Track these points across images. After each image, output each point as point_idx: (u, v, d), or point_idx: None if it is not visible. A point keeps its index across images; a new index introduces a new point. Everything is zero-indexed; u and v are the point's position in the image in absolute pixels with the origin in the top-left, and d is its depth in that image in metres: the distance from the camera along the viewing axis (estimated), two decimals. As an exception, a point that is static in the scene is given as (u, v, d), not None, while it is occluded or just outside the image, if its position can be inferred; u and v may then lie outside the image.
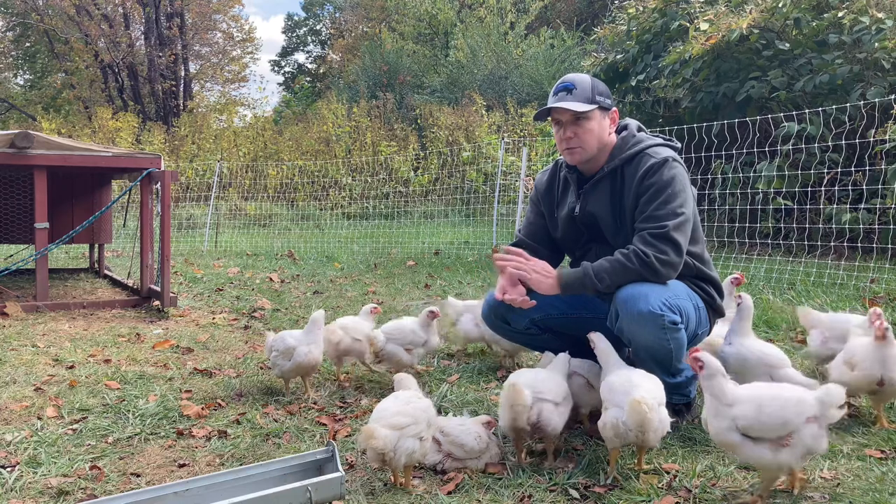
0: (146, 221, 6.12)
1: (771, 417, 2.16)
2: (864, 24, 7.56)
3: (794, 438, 2.15)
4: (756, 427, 2.18)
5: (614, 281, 2.79)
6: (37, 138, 5.58)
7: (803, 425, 2.16)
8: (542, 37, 23.53)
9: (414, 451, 2.37)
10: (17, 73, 33.87)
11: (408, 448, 2.36)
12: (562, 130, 2.96)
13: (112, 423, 3.14)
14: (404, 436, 2.36)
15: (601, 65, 10.63)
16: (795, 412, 2.16)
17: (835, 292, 5.57)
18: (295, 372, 3.48)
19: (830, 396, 2.17)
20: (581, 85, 2.92)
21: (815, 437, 2.17)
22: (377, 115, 19.98)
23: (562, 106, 2.89)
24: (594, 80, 2.97)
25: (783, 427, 2.16)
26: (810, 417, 2.17)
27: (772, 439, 2.16)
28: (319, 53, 41.61)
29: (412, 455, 2.37)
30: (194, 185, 15.56)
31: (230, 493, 2.16)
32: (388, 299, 6.39)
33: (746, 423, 2.19)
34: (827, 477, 2.43)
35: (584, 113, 2.89)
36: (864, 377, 2.85)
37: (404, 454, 2.35)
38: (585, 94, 2.90)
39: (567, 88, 2.92)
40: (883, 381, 2.83)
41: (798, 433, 2.16)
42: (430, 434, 2.48)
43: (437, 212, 13.10)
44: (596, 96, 2.91)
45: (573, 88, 2.91)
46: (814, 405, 2.17)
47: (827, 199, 7.16)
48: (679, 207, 2.81)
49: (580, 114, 2.89)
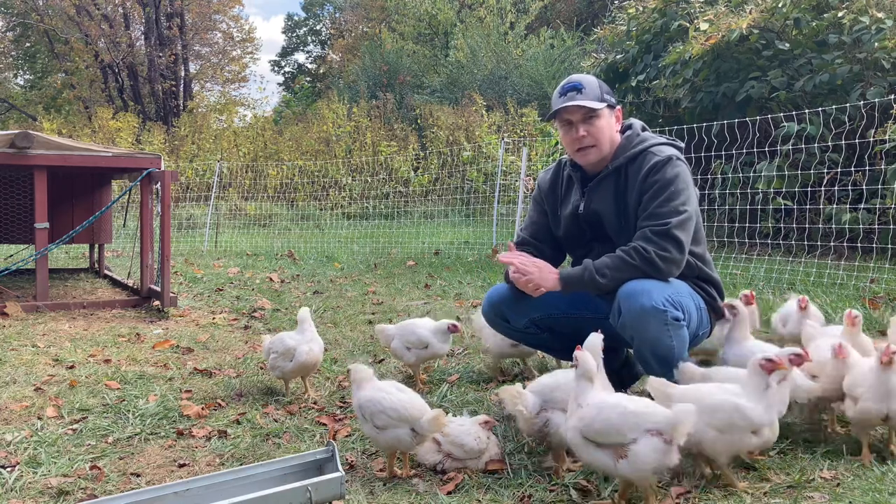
0: (146, 221, 6.12)
1: (605, 424, 2.18)
2: (864, 24, 7.56)
3: (629, 450, 2.14)
4: (591, 432, 2.21)
5: (615, 277, 2.79)
6: (37, 138, 5.59)
7: (643, 437, 2.14)
8: (542, 37, 23.52)
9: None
10: (17, 73, 33.87)
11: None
12: (573, 130, 2.96)
13: (112, 423, 3.14)
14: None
15: (601, 65, 10.63)
16: (632, 423, 2.15)
17: (835, 292, 5.57)
18: (297, 372, 3.48)
19: (679, 415, 2.14)
20: (589, 84, 2.93)
21: (658, 452, 2.13)
22: (377, 115, 19.97)
23: (577, 104, 2.89)
24: (599, 80, 3.00)
25: (617, 435, 2.16)
26: (652, 430, 2.14)
27: (611, 446, 2.17)
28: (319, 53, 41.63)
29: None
30: (194, 185, 15.56)
31: (230, 493, 2.15)
32: (388, 299, 6.39)
33: (583, 425, 2.22)
34: (827, 477, 2.43)
35: (596, 111, 2.90)
36: (869, 411, 2.49)
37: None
38: (595, 93, 2.92)
39: (576, 88, 2.93)
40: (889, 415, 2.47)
41: (635, 445, 2.14)
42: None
43: (437, 212, 13.10)
44: (604, 94, 2.94)
45: (582, 88, 2.92)
46: (658, 420, 2.15)
47: (827, 199, 7.16)
48: (682, 205, 2.81)
49: (593, 112, 2.90)
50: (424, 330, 3.65)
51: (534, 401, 2.54)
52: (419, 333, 3.63)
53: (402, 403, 2.52)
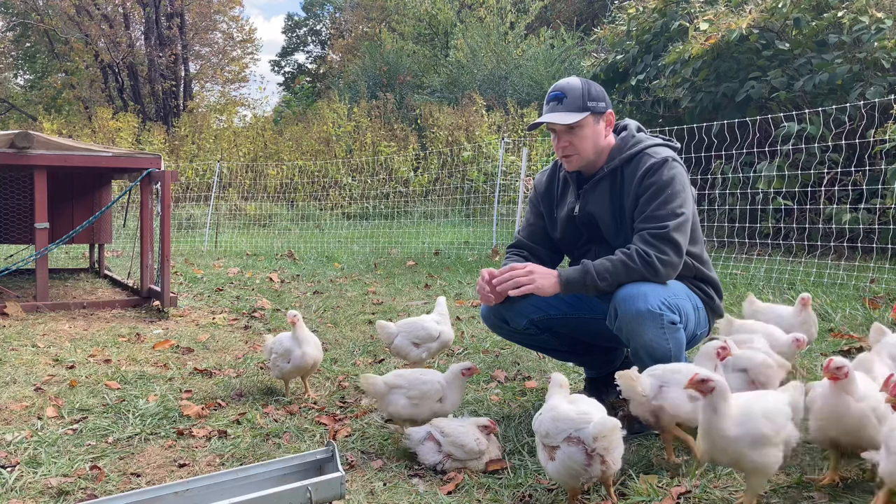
0: (146, 221, 6.12)
1: (539, 425, 2.29)
2: (864, 24, 7.56)
3: (556, 453, 2.21)
4: (536, 430, 2.32)
5: (615, 280, 2.79)
6: (37, 138, 5.59)
7: (563, 443, 2.19)
8: (542, 37, 23.51)
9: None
10: (17, 73, 33.89)
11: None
12: (557, 139, 2.97)
13: (112, 423, 3.14)
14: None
15: (601, 65, 10.63)
16: (557, 428, 2.21)
17: (835, 292, 5.57)
18: (295, 373, 3.49)
19: (597, 427, 2.15)
20: (571, 93, 2.90)
21: (574, 461, 2.16)
22: (377, 115, 19.96)
23: (550, 120, 2.90)
24: (586, 85, 2.94)
25: (546, 438, 2.25)
26: (571, 438, 2.17)
27: (546, 447, 2.26)
28: (319, 53, 41.62)
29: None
30: (194, 185, 15.56)
31: (230, 493, 2.15)
32: (388, 299, 6.39)
33: (534, 424, 2.33)
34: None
35: (574, 123, 2.89)
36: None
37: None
38: (576, 103, 2.89)
39: (557, 98, 2.91)
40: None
41: (560, 449, 2.19)
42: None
43: (437, 212, 13.10)
44: (587, 102, 2.89)
45: (563, 98, 2.90)
46: (578, 429, 2.17)
47: (827, 199, 7.16)
48: (679, 207, 2.81)
49: (572, 125, 2.89)
50: (431, 323, 3.66)
51: (652, 384, 2.54)
52: (428, 328, 3.64)
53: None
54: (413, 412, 2.81)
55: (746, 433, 2.11)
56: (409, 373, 2.91)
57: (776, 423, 2.14)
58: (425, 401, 2.80)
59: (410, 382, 2.82)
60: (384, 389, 2.84)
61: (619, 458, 2.24)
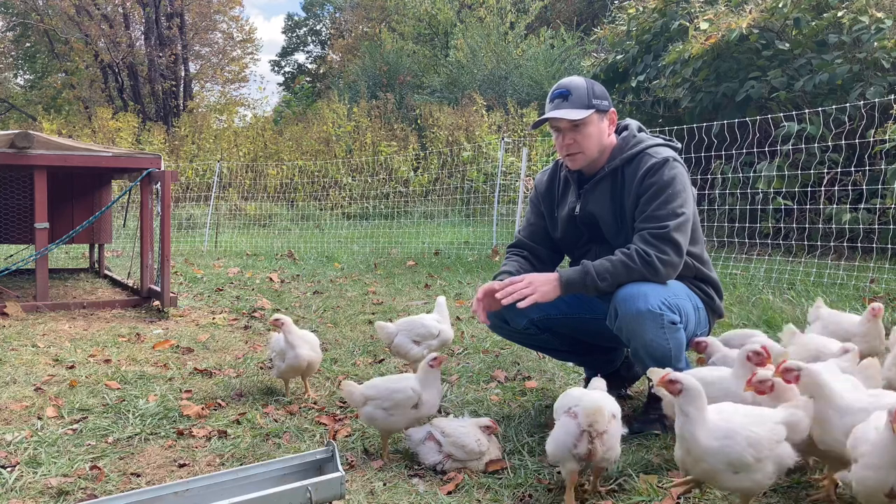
0: (146, 221, 6.12)
1: (555, 406, 2.45)
2: (864, 24, 7.56)
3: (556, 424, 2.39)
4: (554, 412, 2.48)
5: (616, 280, 2.78)
6: (37, 138, 5.58)
7: (563, 416, 2.35)
8: (542, 37, 23.51)
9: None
10: (17, 73, 33.89)
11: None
12: (561, 137, 2.96)
13: (112, 423, 3.14)
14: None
15: (601, 65, 10.63)
16: (563, 404, 2.38)
17: (835, 292, 5.57)
18: (290, 372, 3.49)
19: (588, 404, 2.27)
20: (577, 90, 2.90)
21: (567, 431, 2.28)
22: (377, 115, 19.96)
23: (557, 116, 2.89)
24: (590, 83, 2.95)
25: (555, 413, 2.43)
26: (570, 412, 2.32)
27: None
28: (319, 53, 41.62)
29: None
30: (194, 185, 15.55)
31: (230, 493, 2.15)
32: (388, 299, 6.39)
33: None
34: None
35: (581, 120, 2.88)
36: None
37: None
38: (581, 100, 2.89)
39: (563, 95, 2.91)
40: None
41: (559, 421, 2.36)
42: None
43: (437, 212, 13.10)
44: (592, 100, 2.89)
45: (569, 95, 2.89)
46: (576, 404, 2.31)
47: (827, 199, 7.16)
48: (679, 207, 2.81)
49: (577, 121, 2.89)
50: (431, 320, 3.67)
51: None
52: (428, 325, 3.65)
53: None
54: (390, 422, 2.73)
55: (723, 453, 2.04)
56: (382, 382, 2.81)
57: (760, 451, 2.04)
58: (399, 409, 2.71)
59: (381, 393, 2.73)
60: (360, 400, 2.76)
61: (611, 446, 2.26)
